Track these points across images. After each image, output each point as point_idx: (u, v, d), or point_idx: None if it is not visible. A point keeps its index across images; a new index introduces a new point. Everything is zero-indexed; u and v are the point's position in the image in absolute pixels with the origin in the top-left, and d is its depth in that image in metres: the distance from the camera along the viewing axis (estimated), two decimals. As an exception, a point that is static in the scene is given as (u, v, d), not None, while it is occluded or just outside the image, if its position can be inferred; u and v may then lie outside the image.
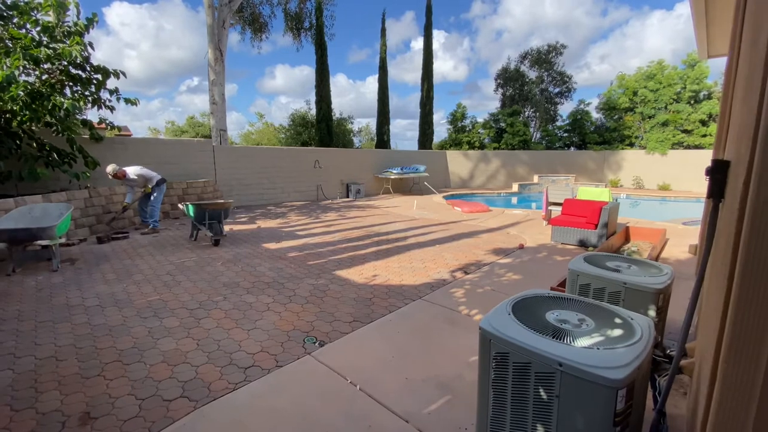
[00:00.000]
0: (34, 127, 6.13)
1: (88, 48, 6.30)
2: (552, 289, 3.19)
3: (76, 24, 6.21)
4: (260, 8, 16.18)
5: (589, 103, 19.85)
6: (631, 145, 18.07)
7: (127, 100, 7.13)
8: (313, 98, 17.15)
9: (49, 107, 5.81)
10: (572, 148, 19.77)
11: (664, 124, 16.59)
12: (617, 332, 1.49)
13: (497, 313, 1.65)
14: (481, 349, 1.57)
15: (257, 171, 10.96)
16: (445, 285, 4.11)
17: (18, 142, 5.90)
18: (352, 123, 21.76)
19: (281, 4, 16.37)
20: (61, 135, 6.55)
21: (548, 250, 5.58)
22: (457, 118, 20.71)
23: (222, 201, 6.01)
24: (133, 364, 2.52)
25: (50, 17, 6.04)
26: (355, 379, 2.37)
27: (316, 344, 2.84)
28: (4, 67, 5.27)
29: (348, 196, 12.96)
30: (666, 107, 16.76)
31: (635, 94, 17.44)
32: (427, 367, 2.51)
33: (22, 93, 5.46)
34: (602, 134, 18.41)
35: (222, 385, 2.32)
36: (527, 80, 21.34)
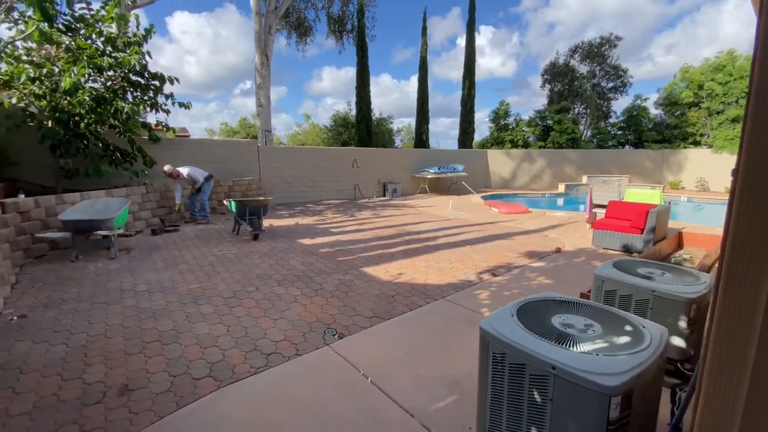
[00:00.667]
0: (99, 129, 6.84)
1: (146, 56, 6.92)
2: (581, 295, 3.04)
3: (135, 35, 6.85)
4: (305, 13, 16.79)
5: (646, 99, 18.43)
6: (696, 143, 16.49)
7: (181, 104, 7.73)
8: (354, 99, 17.45)
9: (112, 111, 6.48)
10: (627, 147, 18.43)
11: (735, 120, 14.97)
12: (624, 339, 1.43)
13: (500, 315, 1.64)
14: (480, 349, 1.57)
15: (298, 170, 11.40)
16: (471, 286, 4.06)
17: (85, 142, 6.63)
18: (391, 122, 21.88)
19: (325, 8, 16.87)
20: (123, 136, 7.26)
21: (587, 255, 5.30)
22: (499, 116, 20.10)
23: (261, 198, 6.34)
24: (170, 344, 2.77)
25: (113, 29, 6.72)
26: (368, 372, 2.44)
27: (336, 336, 2.94)
28: (72, 74, 5.95)
29: (384, 195, 13.08)
30: (737, 102, 15.10)
31: (701, 87, 15.88)
32: (440, 366, 2.52)
33: (87, 98, 6.13)
34: (661, 132, 16.98)
35: (245, 368, 2.49)
36: (577, 75, 20.21)
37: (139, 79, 6.94)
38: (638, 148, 17.42)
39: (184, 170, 7.34)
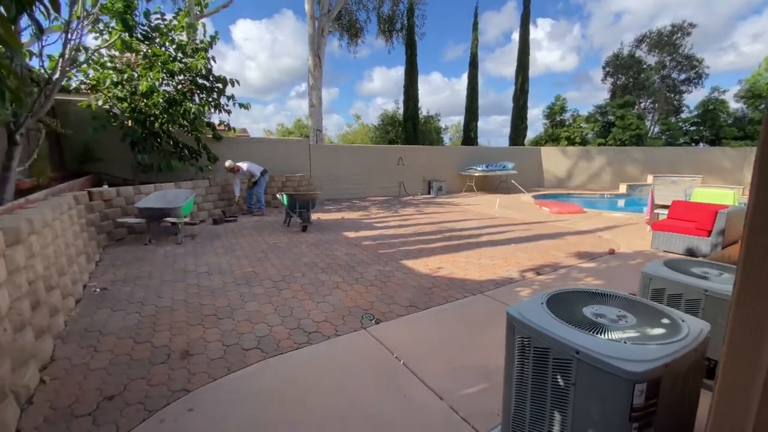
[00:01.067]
0: (170, 128, 7.59)
1: (211, 61, 7.55)
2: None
3: (202, 41, 7.51)
4: (356, 14, 17.19)
5: (724, 91, 16.50)
6: (788, 139, 14.50)
7: (241, 105, 8.33)
8: (401, 98, 17.57)
9: (182, 111, 7.17)
10: (702, 144, 16.69)
11: (840, 112, 12.95)
12: (658, 331, 1.38)
13: (529, 303, 1.64)
14: (507, 334, 1.59)
15: (346, 167, 11.75)
16: (512, 284, 3.99)
17: (159, 140, 7.40)
18: (438, 120, 21.69)
19: (375, 8, 17.15)
20: (190, 134, 7.99)
21: (645, 258, 4.94)
22: (554, 112, 19.13)
23: (311, 192, 6.67)
24: (225, 319, 3.07)
25: (183, 36, 7.42)
26: (401, 355, 2.53)
27: (372, 321, 3.07)
28: (148, 78, 6.67)
29: (429, 193, 13.05)
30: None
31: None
32: (473, 356, 2.54)
33: (161, 100, 6.85)
34: (743, 127, 15.17)
35: (288, 343, 2.69)
36: (644, 67, 18.63)
37: (205, 82, 7.60)
38: (715, 146, 15.68)
39: (243, 165, 7.94)
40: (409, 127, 17.27)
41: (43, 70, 4.82)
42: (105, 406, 2.03)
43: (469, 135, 18.19)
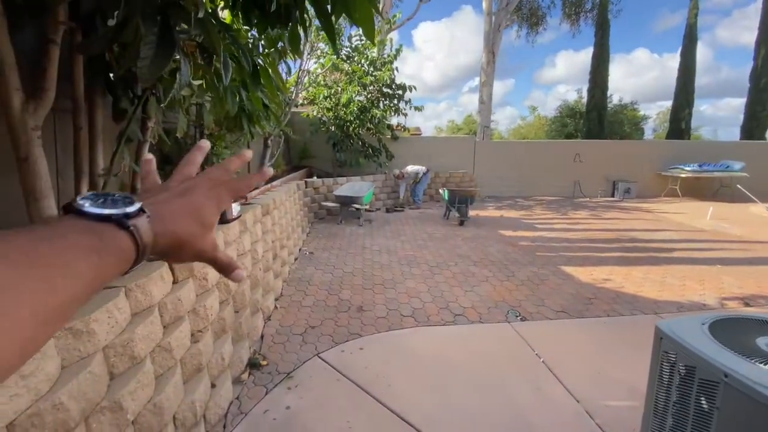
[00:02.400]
0: (360, 131, 9.13)
1: (395, 71, 8.66)
2: None
3: (389, 55, 8.68)
4: (539, 1, 16.10)
5: None
6: None
7: (416, 108, 9.29)
8: (586, 86, 15.57)
9: (369, 117, 8.53)
10: None
11: None
12: None
13: (683, 320, 1.55)
14: (653, 348, 1.56)
15: (511, 164, 11.41)
16: (702, 310, 3.32)
17: (351, 141, 9.03)
18: (635, 109, 18.15)
19: (561, -9, 15.65)
20: (374, 136, 9.41)
21: None
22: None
23: (470, 189, 6.96)
24: (389, 288, 3.75)
25: (374, 53, 8.74)
26: (541, 353, 2.60)
27: (518, 318, 3.18)
28: (348, 91, 8.19)
29: (613, 196, 11.29)
30: None
31: None
32: (625, 372, 2.38)
33: (355, 108, 8.31)
34: None
35: (437, 319, 3.13)
36: None
37: (389, 90, 8.80)
38: None
39: (407, 170, 8.87)
40: (593, 118, 15.17)
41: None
42: (309, 332, 2.91)
43: (679, 125, 14.61)
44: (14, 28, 1.30)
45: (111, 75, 1.74)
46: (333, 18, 1.52)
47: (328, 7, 1.47)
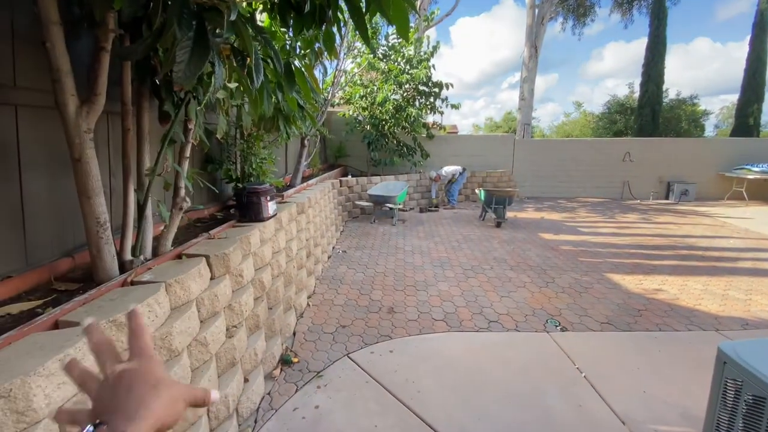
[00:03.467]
0: (395, 130, 9.08)
1: (431, 69, 8.52)
2: None
3: (425, 53, 8.55)
4: (587, -10, 15.21)
5: None
6: None
7: (453, 105, 9.08)
8: (638, 80, 14.51)
9: (404, 116, 8.46)
10: None
11: None
12: None
13: (752, 343, 1.38)
14: (714, 372, 1.41)
15: (553, 164, 10.89)
16: (773, 328, 2.98)
17: (386, 140, 9.00)
18: (695, 104, 16.70)
19: (613, -22, 14.68)
20: (409, 135, 9.32)
21: None
22: None
23: (508, 189, 6.70)
24: (421, 290, 3.69)
25: (411, 51, 8.65)
26: (583, 368, 2.44)
27: (558, 327, 3.01)
28: (384, 90, 8.16)
29: (667, 198, 10.46)
30: None
31: None
32: (678, 394, 2.17)
33: (391, 107, 8.27)
34: None
35: (470, 324, 3.03)
36: None
37: (425, 88, 8.67)
38: None
39: (443, 171, 8.70)
40: (646, 114, 14.10)
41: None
42: (339, 331, 2.92)
43: (746, 121, 13.25)
44: (69, 36, 1.38)
45: (156, 79, 1.82)
46: (367, 16, 1.49)
47: (362, 5, 1.44)
